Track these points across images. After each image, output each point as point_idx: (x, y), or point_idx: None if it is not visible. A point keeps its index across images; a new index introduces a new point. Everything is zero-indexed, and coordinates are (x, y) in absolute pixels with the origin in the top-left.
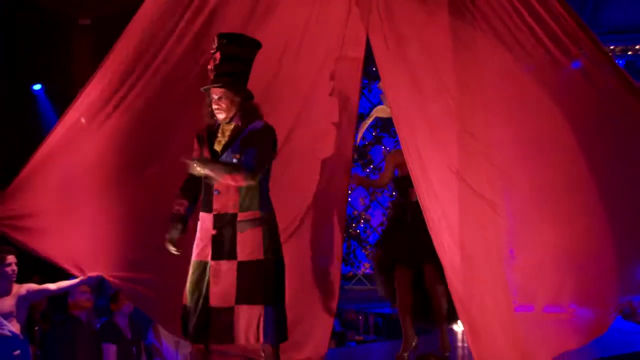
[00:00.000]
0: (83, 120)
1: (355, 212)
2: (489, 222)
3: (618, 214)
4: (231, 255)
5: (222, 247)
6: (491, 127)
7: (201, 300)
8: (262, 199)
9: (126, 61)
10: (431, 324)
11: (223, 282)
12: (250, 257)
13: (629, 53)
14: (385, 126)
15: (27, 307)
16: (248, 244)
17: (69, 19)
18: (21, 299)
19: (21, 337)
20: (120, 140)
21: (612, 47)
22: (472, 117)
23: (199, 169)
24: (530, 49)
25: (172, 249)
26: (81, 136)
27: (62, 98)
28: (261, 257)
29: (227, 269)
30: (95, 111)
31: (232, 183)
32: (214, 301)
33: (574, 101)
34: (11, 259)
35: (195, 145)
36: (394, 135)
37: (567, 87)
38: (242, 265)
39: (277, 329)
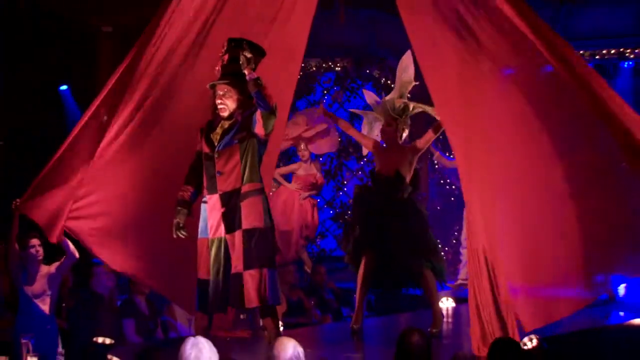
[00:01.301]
0: (105, 117)
1: (351, 201)
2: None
3: (594, 203)
4: (239, 225)
5: (233, 220)
6: (490, 129)
7: (221, 273)
8: (259, 172)
9: (141, 67)
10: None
11: (235, 251)
12: (253, 225)
13: (597, 57)
14: None
15: (59, 284)
16: (250, 212)
17: (92, 27)
18: (52, 277)
19: (48, 314)
20: (137, 135)
21: (581, 52)
22: (474, 121)
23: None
24: (512, 57)
25: (180, 234)
26: (102, 130)
27: (86, 98)
28: (261, 225)
29: (238, 238)
30: (115, 109)
31: (267, 103)
32: (233, 270)
33: (552, 99)
34: (34, 241)
35: (198, 138)
36: None
37: (544, 88)
38: (246, 233)
39: (277, 290)
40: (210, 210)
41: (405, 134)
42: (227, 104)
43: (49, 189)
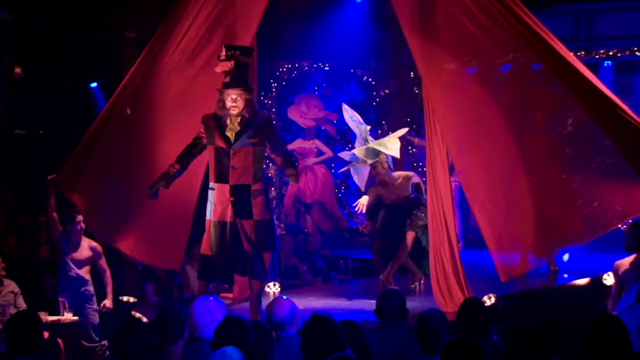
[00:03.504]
0: (128, 111)
1: (338, 181)
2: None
3: (550, 183)
4: (249, 215)
5: (242, 209)
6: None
7: (226, 250)
8: (263, 171)
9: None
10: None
11: (246, 235)
12: (262, 217)
13: (618, 55)
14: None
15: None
16: (259, 207)
17: (117, 33)
18: (95, 251)
19: (86, 278)
20: (138, 128)
21: (602, 51)
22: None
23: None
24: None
25: (150, 195)
26: (118, 120)
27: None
28: (268, 216)
29: (247, 225)
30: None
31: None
32: (246, 247)
33: (511, 93)
34: (80, 218)
35: (202, 129)
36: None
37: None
38: (257, 223)
39: (275, 270)
40: (218, 197)
41: (387, 165)
42: (239, 106)
43: (78, 165)
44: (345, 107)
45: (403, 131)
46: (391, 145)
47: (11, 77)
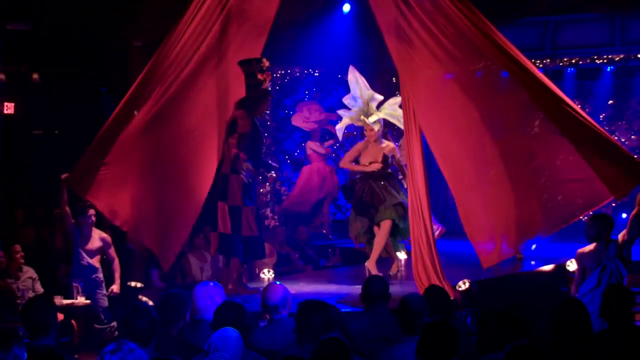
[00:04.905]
0: (135, 112)
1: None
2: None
3: (520, 179)
4: None
5: None
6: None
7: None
8: None
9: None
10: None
11: None
12: None
13: (580, 63)
14: None
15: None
16: None
17: (125, 41)
18: (104, 241)
19: (97, 266)
20: (153, 127)
21: (565, 59)
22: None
23: None
24: (451, 61)
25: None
26: (130, 122)
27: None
28: None
29: None
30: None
31: None
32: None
33: (485, 97)
34: (91, 212)
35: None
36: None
37: (479, 87)
38: None
39: None
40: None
41: (380, 130)
42: None
43: (89, 165)
44: (352, 68)
45: (398, 99)
46: (401, 119)
47: (29, 82)
